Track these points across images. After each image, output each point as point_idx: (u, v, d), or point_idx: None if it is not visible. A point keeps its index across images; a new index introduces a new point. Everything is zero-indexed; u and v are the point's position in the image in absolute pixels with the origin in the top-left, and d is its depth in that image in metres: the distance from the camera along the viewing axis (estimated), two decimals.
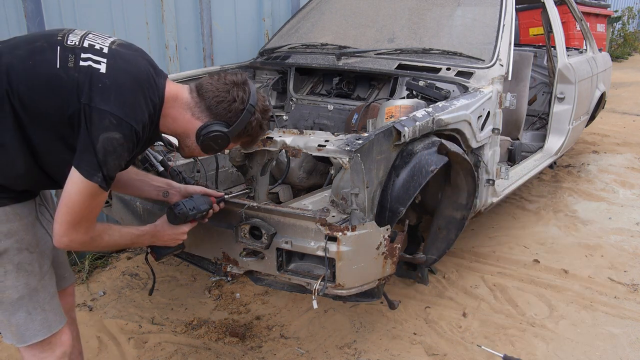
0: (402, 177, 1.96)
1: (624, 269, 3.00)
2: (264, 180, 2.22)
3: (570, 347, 2.35)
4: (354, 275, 1.83)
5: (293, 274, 1.88)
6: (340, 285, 1.81)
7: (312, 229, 1.78)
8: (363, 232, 1.78)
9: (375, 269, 1.90)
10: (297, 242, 1.81)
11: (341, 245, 1.74)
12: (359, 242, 1.78)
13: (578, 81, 3.75)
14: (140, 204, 2.21)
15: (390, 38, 3.24)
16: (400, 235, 1.94)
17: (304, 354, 2.32)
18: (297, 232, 1.81)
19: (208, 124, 1.50)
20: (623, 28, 11.81)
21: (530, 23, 6.43)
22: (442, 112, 2.22)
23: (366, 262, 1.85)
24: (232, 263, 1.99)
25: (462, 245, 3.23)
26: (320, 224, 1.76)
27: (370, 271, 1.89)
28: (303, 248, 1.81)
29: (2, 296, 1.44)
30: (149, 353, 2.32)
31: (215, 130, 1.50)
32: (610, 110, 6.59)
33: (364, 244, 1.81)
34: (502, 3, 2.90)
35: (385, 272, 1.94)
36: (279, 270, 1.88)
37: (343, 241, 1.74)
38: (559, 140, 3.81)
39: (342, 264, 1.77)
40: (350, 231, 1.74)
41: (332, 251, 1.75)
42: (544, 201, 3.94)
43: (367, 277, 1.90)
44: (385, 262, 1.91)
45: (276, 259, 1.86)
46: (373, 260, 1.87)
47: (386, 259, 1.91)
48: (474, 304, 2.67)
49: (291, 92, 3.12)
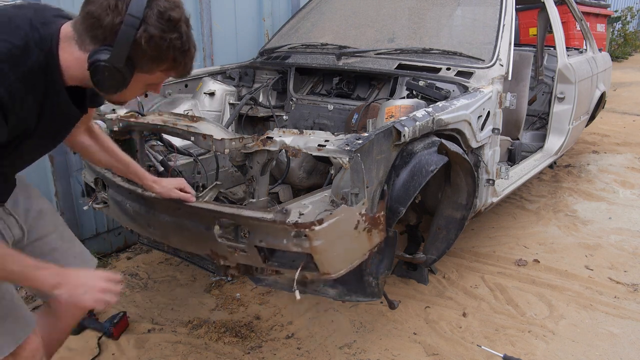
0: (402, 177, 1.96)
1: (624, 269, 3.00)
2: (264, 180, 2.21)
3: (570, 347, 2.35)
4: (337, 260, 1.80)
5: (279, 265, 1.86)
6: (327, 272, 1.79)
7: (279, 228, 1.73)
8: (333, 221, 1.71)
9: (361, 245, 1.87)
10: (270, 241, 1.79)
11: (313, 241, 1.70)
12: (331, 231, 1.72)
13: (578, 81, 3.75)
14: (130, 205, 2.20)
15: (390, 38, 3.24)
16: (380, 202, 1.86)
17: (304, 354, 2.32)
18: (267, 232, 1.78)
19: (90, 55, 1.16)
20: (623, 28, 11.80)
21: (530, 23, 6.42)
22: (442, 112, 2.22)
23: (347, 245, 1.81)
24: (222, 258, 1.99)
25: (462, 245, 3.23)
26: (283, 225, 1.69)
27: (355, 250, 1.86)
28: (277, 245, 1.79)
29: None
30: (149, 353, 2.32)
31: (95, 60, 1.15)
32: (610, 110, 6.59)
33: (338, 230, 1.75)
34: (502, 3, 2.90)
35: (373, 243, 1.89)
36: (265, 263, 1.87)
37: (313, 236, 1.69)
38: (559, 140, 3.81)
39: (320, 256, 1.74)
40: (317, 225, 1.68)
41: (306, 247, 1.71)
42: (544, 201, 3.94)
43: (354, 255, 1.86)
44: (370, 235, 1.86)
45: (258, 254, 1.85)
46: (354, 239, 1.82)
47: (370, 232, 1.86)
48: (474, 304, 2.67)
49: (291, 92, 3.12)
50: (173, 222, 2.04)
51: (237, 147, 1.93)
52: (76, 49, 1.20)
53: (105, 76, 1.17)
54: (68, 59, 1.21)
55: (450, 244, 2.58)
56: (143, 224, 2.20)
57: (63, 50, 1.21)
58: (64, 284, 1.28)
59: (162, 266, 3.05)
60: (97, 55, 1.16)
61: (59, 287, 1.27)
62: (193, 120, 2.12)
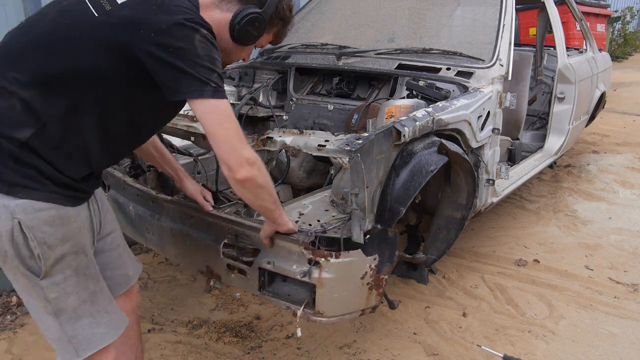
0: (402, 177, 1.96)
1: (624, 269, 3.00)
2: None
3: (570, 347, 2.35)
4: (335, 303, 1.76)
5: (273, 295, 1.82)
6: (320, 312, 1.74)
7: (295, 251, 1.71)
8: (347, 260, 1.70)
9: (359, 300, 1.82)
10: (279, 264, 1.76)
11: (323, 272, 1.67)
12: (342, 269, 1.70)
13: (578, 81, 3.75)
14: (133, 208, 2.19)
15: (390, 38, 3.24)
16: (387, 266, 1.84)
17: (304, 354, 2.32)
18: (279, 253, 1.75)
19: (240, 10, 1.44)
20: (623, 28, 11.80)
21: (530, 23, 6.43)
22: (442, 112, 2.22)
23: (349, 292, 1.77)
24: (216, 278, 1.96)
25: (462, 245, 3.23)
26: (303, 247, 1.68)
27: (352, 301, 1.81)
28: (285, 270, 1.75)
29: (65, 304, 1.37)
30: (149, 353, 2.32)
31: (250, 12, 1.44)
32: (610, 110, 6.59)
33: (348, 272, 1.73)
34: (502, 3, 2.90)
35: (369, 304, 1.85)
36: (259, 290, 1.83)
37: (326, 267, 1.67)
38: (559, 140, 3.81)
39: (323, 291, 1.70)
40: (334, 258, 1.67)
41: (314, 277, 1.68)
42: (544, 201, 3.94)
43: (349, 306, 1.82)
44: (369, 293, 1.82)
45: (258, 278, 1.81)
46: (357, 290, 1.78)
47: (371, 290, 1.82)
48: (474, 304, 2.67)
49: (291, 92, 3.12)
50: (177, 230, 2.02)
51: None
52: (217, 12, 1.45)
53: (254, 26, 1.46)
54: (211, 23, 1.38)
55: (450, 244, 2.58)
56: (141, 229, 2.19)
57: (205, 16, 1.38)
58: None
59: (162, 266, 3.05)
60: (251, 9, 1.44)
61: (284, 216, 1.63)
62: (193, 120, 2.12)
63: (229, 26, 1.45)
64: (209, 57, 1.30)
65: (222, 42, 1.46)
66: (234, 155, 1.33)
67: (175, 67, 1.27)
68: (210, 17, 1.41)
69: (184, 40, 1.27)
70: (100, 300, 1.44)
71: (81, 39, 1.28)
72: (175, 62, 1.26)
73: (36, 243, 1.28)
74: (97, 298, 1.43)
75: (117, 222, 1.67)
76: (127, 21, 1.28)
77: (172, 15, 1.28)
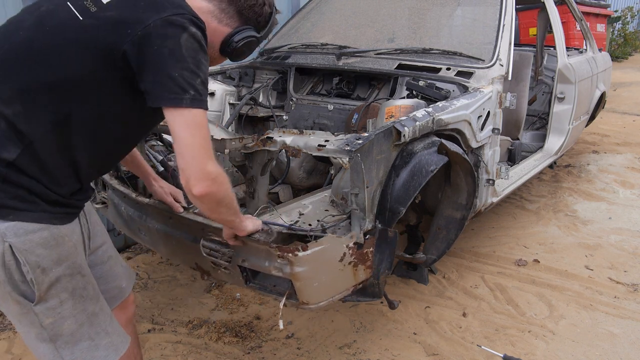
0: (402, 177, 1.96)
1: (624, 269, 3.00)
2: (264, 180, 2.22)
3: (570, 347, 2.35)
4: (317, 290, 1.73)
5: (260, 287, 1.81)
6: (305, 302, 1.73)
7: (262, 249, 1.68)
8: (318, 249, 1.65)
9: (345, 280, 1.79)
10: (252, 261, 1.74)
11: (295, 267, 1.63)
12: (315, 259, 1.65)
13: (578, 81, 3.75)
14: (125, 209, 2.19)
15: (390, 38, 3.24)
16: (371, 238, 1.80)
17: (304, 354, 2.32)
18: (250, 251, 1.74)
19: (240, 30, 1.43)
20: (623, 28, 11.80)
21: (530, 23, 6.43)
22: (442, 112, 2.22)
23: (330, 276, 1.73)
24: (206, 274, 1.96)
25: (462, 245, 3.23)
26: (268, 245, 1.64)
27: (337, 283, 1.79)
28: (259, 267, 1.74)
29: (61, 329, 1.30)
30: (149, 353, 2.32)
31: (250, 35, 1.44)
32: (610, 110, 6.59)
33: (323, 259, 1.68)
34: (502, 3, 2.90)
35: (358, 279, 1.82)
36: (246, 284, 1.82)
37: (296, 262, 1.63)
38: (559, 140, 3.81)
39: (301, 283, 1.68)
40: (301, 251, 1.62)
41: (287, 272, 1.66)
42: (544, 201, 3.94)
43: (335, 288, 1.79)
44: (355, 270, 1.79)
45: (240, 274, 1.80)
46: (338, 272, 1.75)
47: (356, 267, 1.79)
48: (474, 304, 2.67)
49: (291, 92, 3.12)
50: (163, 231, 2.02)
51: (237, 147, 1.93)
52: (214, 22, 1.41)
53: (250, 48, 1.47)
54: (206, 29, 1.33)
55: (450, 244, 2.58)
56: (135, 229, 2.19)
57: None
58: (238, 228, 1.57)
59: (162, 266, 3.05)
60: (250, 32, 1.45)
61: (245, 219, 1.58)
62: None
63: (225, 41, 1.43)
64: (194, 59, 1.23)
65: (209, 49, 1.39)
66: (195, 167, 1.24)
67: (156, 71, 1.19)
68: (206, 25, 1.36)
69: (169, 39, 1.20)
70: (99, 321, 1.38)
71: (65, 46, 1.20)
72: (157, 65, 1.19)
73: (29, 267, 1.22)
74: (96, 319, 1.37)
75: (107, 234, 1.63)
76: (113, 21, 1.21)
77: (160, 12, 1.21)
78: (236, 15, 1.43)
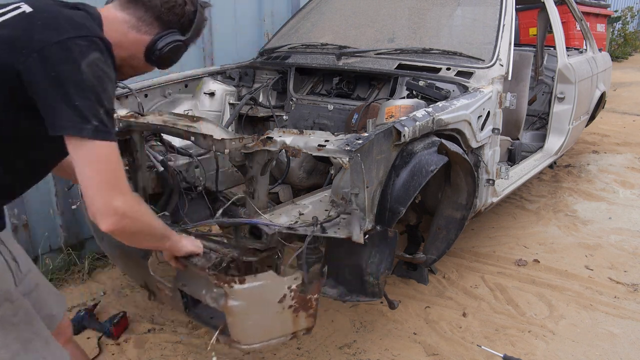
0: (402, 177, 1.96)
1: (624, 269, 3.00)
2: (264, 180, 2.21)
3: (570, 347, 2.35)
4: (251, 331, 1.62)
5: (196, 317, 1.73)
6: (237, 340, 1.63)
7: (202, 275, 1.58)
8: (256, 285, 1.55)
9: (282, 325, 1.66)
10: (191, 287, 1.68)
11: (229, 299, 1.54)
12: (251, 295, 1.55)
13: (578, 81, 3.75)
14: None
15: (390, 38, 3.24)
16: (316, 283, 1.65)
17: (304, 354, 2.32)
18: (191, 276, 1.66)
19: (162, 36, 1.34)
20: (623, 28, 11.80)
21: (530, 23, 6.42)
22: (442, 112, 2.22)
23: (267, 317, 1.61)
24: (152, 294, 1.90)
25: (462, 245, 3.23)
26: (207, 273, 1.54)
27: (274, 327, 1.65)
28: (196, 294, 1.66)
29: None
30: (149, 353, 2.32)
31: (174, 40, 1.35)
32: (610, 110, 6.59)
33: (260, 297, 1.58)
34: (502, 3, 2.90)
35: (298, 327, 1.68)
36: (185, 311, 1.75)
37: (231, 294, 1.53)
38: (559, 140, 3.81)
39: (234, 319, 1.58)
40: (237, 284, 1.52)
41: (221, 304, 1.57)
42: (544, 201, 3.94)
43: (271, 332, 1.66)
44: (296, 317, 1.64)
45: (181, 299, 1.74)
46: (276, 314, 1.61)
47: (296, 312, 1.63)
48: (474, 304, 2.67)
49: (291, 92, 3.12)
50: (114, 244, 1.98)
51: (237, 147, 1.93)
52: (132, 32, 1.32)
53: (177, 53, 1.39)
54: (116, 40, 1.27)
55: (450, 244, 2.59)
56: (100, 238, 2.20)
57: (111, 32, 1.28)
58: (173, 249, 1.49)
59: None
60: (174, 36, 1.36)
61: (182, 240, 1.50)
62: (193, 120, 2.12)
63: (147, 49, 1.35)
64: (96, 88, 1.12)
65: (133, 61, 1.36)
66: (100, 204, 1.15)
67: (54, 97, 1.10)
68: (123, 37, 1.31)
69: (68, 64, 1.10)
70: (36, 346, 1.31)
71: None
72: (55, 91, 1.09)
73: None
74: (31, 345, 1.30)
75: (31, 262, 1.56)
76: (8, 40, 1.13)
77: (60, 34, 1.12)
78: (155, 21, 1.33)
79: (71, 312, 2.59)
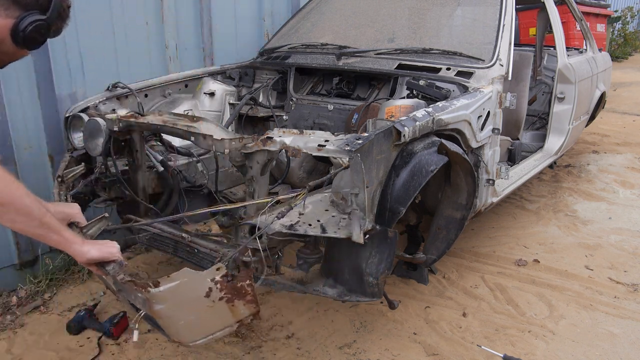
0: (402, 177, 1.96)
1: (624, 269, 3.00)
2: (264, 180, 2.21)
3: (570, 347, 2.35)
4: (188, 329, 1.59)
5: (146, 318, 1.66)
6: (177, 341, 1.61)
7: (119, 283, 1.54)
8: (172, 285, 1.49)
9: (221, 317, 1.60)
10: (124, 293, 1.62)
11: (152, 304, 1.50)
12: (172, 296, 1.51)
13: (578, 81, 3.76)
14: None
15: (390, 38, 3.24)
16: (245, 271, 1.62)
17: (304, 354, 2.32)
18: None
19: (24, 17, 1.40)
20: (623, 28, 11.80)
21: (530, 23, 6.42)
22: (442, 112, 2.22)
23: (199, 314, 1.56)
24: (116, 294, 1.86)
25: (462, 245, 3.23)
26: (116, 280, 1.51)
27: (212, 320, 1.61)
28: (130, 300, 1.62)
29: None
30: (149, 353, 2.32)
31: (35, 20, 1.40)
32: (610, 110, 6.59)
33: (182, 296, 1.53)
34: (502, 3, 2.90)
35: (240, 315, 1.63)
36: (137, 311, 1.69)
37: (152, 299, 1.50)
38: (559, 140, 3.81)
39: (163, 321, 1.55)
40: (153, 287, 1.47)
41: (147, 309, 1.55)
42: (544, 201, 3.94)
43: (211, 327, 1.62)
44: (232, 306, 1.59)
45: (128, 302, 1.70)
46: (208, 309, 1.56)
47: (231, 302, 1.58)
48: (474, 304, 2.67)
49: (291, 92, 3.12)
50: None
51: (237, 147, 1.93)
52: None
53: (41, 33, 1.43)
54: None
55: (450, 244, 2.59)
56: None
57: None
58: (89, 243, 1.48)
59: (162, 266, 3.04)
60: (35, 16, 1.40)
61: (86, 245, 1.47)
62: (193, 120, 2.12)
63: (12, 32, 1.41)
64: None
65: (3, 46, 1.42)
66: None
67: None
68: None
69: None
70: None
71: None
72: None
73: None
74: None
75: None
76: None
77: None
78: (13, 4, 1.39)
79: (71, 312, 2.60)
